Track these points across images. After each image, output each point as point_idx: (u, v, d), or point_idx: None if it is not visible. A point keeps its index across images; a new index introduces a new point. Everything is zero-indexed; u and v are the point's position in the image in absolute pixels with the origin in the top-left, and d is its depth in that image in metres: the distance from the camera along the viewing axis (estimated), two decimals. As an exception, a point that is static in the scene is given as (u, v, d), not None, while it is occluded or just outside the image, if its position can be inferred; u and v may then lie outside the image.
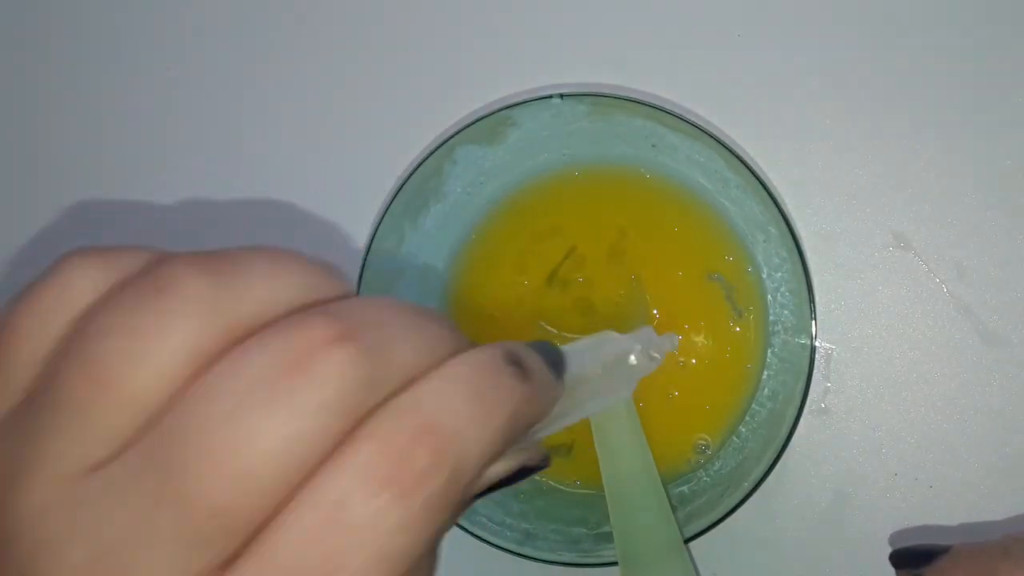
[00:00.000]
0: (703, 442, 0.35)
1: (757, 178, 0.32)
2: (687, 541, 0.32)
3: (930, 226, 0.37)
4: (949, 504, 0.36)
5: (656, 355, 0.24)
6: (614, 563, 0.32)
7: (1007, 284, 0.36)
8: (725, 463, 0.34)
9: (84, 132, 0.41)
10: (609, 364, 0.22)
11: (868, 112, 0.38)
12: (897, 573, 0.32)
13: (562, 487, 0.35)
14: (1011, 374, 0.36)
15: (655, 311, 0.35)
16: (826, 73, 0.38)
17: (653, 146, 0.35)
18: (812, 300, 0.31)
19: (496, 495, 0.34)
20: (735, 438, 0.35)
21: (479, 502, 0.33)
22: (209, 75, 0.41)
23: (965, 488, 0.36)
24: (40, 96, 0.42)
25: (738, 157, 0.32)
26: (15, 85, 0.42)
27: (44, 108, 0.42)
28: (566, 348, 0.21)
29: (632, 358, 0.23)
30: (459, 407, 0.16)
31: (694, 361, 0.35)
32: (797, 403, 0.31)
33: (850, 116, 0.38)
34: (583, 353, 0.21)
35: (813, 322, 0.31)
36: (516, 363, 0.17)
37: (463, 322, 0.36)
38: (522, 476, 0.20)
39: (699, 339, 0.35)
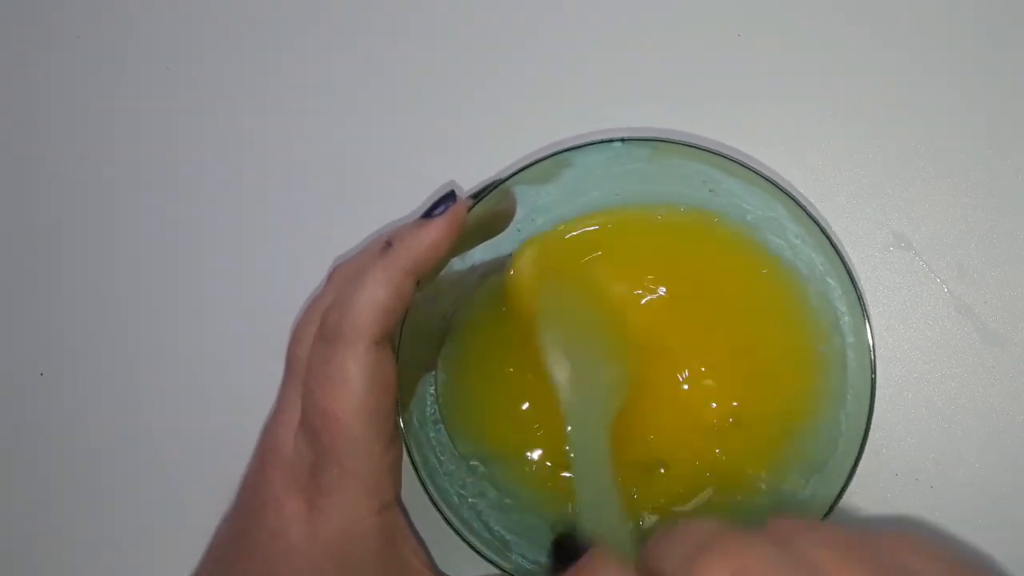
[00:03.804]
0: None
1: (821, 230, 0.31)
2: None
3: (930, 226, 0.37)
4: (950, 504, 0.36)
5: None
6: None
7: (1007, 284, 0.36)
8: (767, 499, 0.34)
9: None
10: None
11: (868, 112, 0.37)
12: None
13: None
14: (1011, 374, 0.36)
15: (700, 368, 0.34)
16: (826, 74, 0.38)
17: (711, 191, 0.33)
18: (874, 371, 0.31)
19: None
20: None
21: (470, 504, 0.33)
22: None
23: (966, 488, 0.36)
24: None
25: (801, 207, 0.31)
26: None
27: None
28: None
29: None
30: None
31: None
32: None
33: (850, 116, 0.37)
34: None
35: (870, 403, 0.31)
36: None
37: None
38: None
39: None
